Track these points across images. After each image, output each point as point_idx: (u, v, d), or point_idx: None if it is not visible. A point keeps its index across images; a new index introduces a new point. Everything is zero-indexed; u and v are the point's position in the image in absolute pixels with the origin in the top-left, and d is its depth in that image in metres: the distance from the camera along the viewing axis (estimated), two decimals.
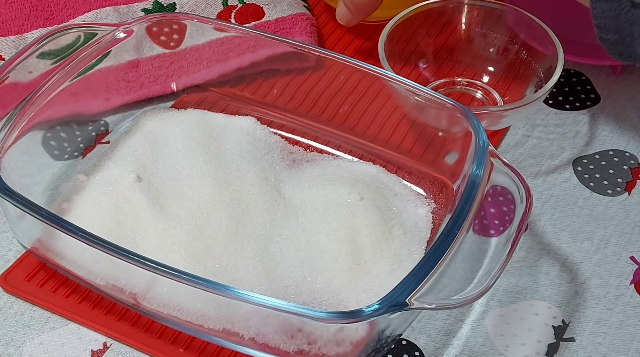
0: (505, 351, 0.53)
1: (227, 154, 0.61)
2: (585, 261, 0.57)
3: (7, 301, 0.55)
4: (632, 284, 0.56)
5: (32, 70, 0.57)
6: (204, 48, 0.65)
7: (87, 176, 0.59)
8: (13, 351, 0.52)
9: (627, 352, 0.53)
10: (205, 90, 0.67)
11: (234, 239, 0.55)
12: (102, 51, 0.61)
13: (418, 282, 0.46)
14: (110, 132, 0.64)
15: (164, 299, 0.51)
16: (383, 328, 0.49)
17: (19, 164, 0.56)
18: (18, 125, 0.55)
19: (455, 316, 0.54)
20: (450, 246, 0.47)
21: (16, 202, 0.50)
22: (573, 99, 0.68)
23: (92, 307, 0.54)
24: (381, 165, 0.61)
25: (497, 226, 0.55)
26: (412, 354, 0.53)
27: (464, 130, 0.54)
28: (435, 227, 0.57)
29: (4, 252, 0.57)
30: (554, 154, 0.64)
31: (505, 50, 0.68)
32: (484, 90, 0.67)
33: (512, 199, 0.51)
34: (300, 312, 0.46)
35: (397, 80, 0.58)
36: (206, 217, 0.56)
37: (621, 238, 0.59)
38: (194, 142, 0.61)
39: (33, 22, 0.68)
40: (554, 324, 0.54)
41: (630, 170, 0.63)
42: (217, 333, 0.51)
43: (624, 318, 0.54)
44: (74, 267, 0.54)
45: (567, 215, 0.60)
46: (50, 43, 0.58)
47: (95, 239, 0.49)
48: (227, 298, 0.47)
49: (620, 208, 0.60)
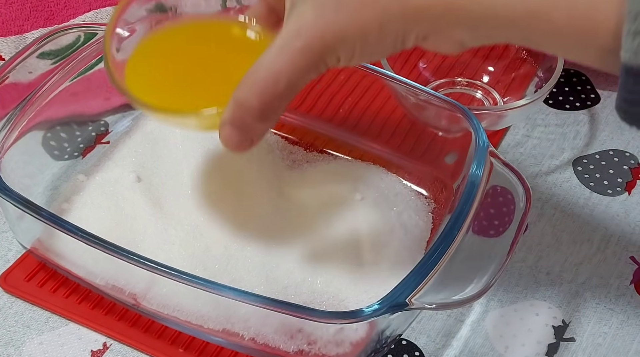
0: (505, 351, 0.53)
1: (227, 154, 0.61)
2: (586, 261, 0.57)
3: (7, 301, 0.55)
4: (632, 284, 0.56)
5: (32, 70, 0.57)
6: None
7: (87, 176, 0.59)
8: (13, 351, 0.52)
9: (627, 353, 0.53)
10: None
11: (234, 239, 0.55)
12: (102, 51, 0.60)
13: (418, 282, 0.46)
14: (110, 132, 0.64)
15: (164, 299, 0.51)
16: (383, 328, 0.49)
17: (19, 164, 0.56)
18: (18, 125, 0.55)
19: (455, 316, 0.54)
20: (450, 246, 0.47)
21: (16, 202, 0.50)
22: (573, 99, 0.68)
23: (92, 308, 0.54)
24: (381, 165, 0.61)
25: (497, 226, 0.55)
26: (412, 354, 0.53)
27: (464, 131, 0.54)
28: (435, 227, 0.57)
29: (4, 252, 0.57)
30: (554, 154, 0.64)
31: (505, 50, 0.68)
32: (484, 90, 0.67)
33: (512, 199, 0.51)
34: (300, 313, 0.46)
35: (397, 80, 0.58)
36: (206, 217, 0.56)
37: (621, 238, 0.59)
38: (194, 142, 0.61)
39: (33, 22, 0.68)
40: (554, 324, 0.54)
41: (630, 170, 0.63)
42: (217, 333, 0.51)
43: (625, 318, 0.54)
44: (74, 267, 0.54)
45: (567, 215, 0.60)
46: (50, 43, 0.58)
47: (95, 239, 0.49)
48: (227, 298, 0.47)
49: (621, 208, 0.60)
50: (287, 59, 0.41)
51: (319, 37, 0.40)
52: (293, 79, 0.41)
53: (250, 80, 0.42)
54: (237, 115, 0.43)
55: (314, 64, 0.41)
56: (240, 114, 0.43)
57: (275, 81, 0.41)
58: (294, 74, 0.41)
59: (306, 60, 0.41)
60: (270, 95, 0.41)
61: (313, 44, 0.40)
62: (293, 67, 0.41)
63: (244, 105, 0.42)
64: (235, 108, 0.43)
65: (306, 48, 0.40)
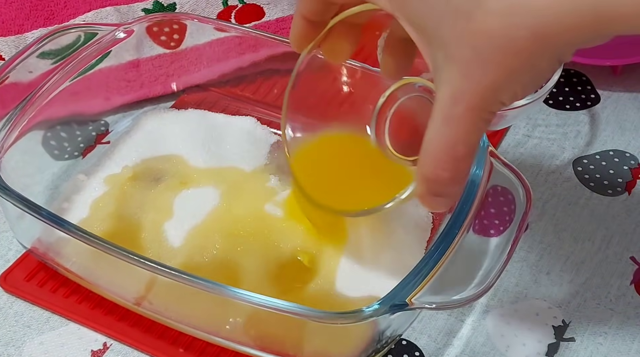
0: (506, 351, 0.53)
1: (228, 154, 0.61)
2: (586, 261, 0.57)
3: (7, 301, 0.55)
4: (632, 284, 0.56)
5: (32, 70, 0.57)
6: (205, 48, 0.65)
7: (87, 176, 0.59)
8: (13, 351, 0.52)
9: (628, 353, 0.53)
10: (205, 90, 0.67)
11: (235, 239, 0.55)
12: (103, 51, 0.61)
13: (418, 282, 0.46)
14: (110, 132, 0.64)
15: (164, 299, 0.51)
16: (383, 328, 0.49)
17: (19, 163, 0.56)
18: (18, 125, 0.55)
19: (455, 316, 0.54)
20: (450, 246, 0.47)
21: (16, 202, 0.50)
22: (573, 99, 0.68)
23: (92, 308, 0.54)
24: None
25: (497, 226, 0.55)
26: (412, 354, 0.53)
27: None
28: (435, 227, 0.57)
29: (4, 252, 0.57)
30: (555, 154, 0.64)
31: None
32: None
33: (512, 199, 0.51)
34: (300, 312, 0.46)
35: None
36: (206, 217, 0.56)
37: (622, 238, 0.59)
38: (194, 142, 0.61)
39: (33, 22, 0.68)
40: (554, 324, 0.54)
41: (631, 171, 0.63)
42: (217, 333, 0.51)
43: (625, 319, 0.54)
44: (74, 267, 0.54)
45: (568, 215, 0.60)
46: (51, 43, 0.58)
47: (95, 239, 0.49)
48: (227, 298, 0.47)
49: (622, 208, 0.60)
50: (454, 127, 0.40)
51: (478, 97, 0.39)
52: (468, 140, 0.40)
53: (430, 156, 0.41)
54: (432, 190, 0.42)
55: (481, 120, 0.40)
56: (434, 188, 0.42)
57: (453, 148, 0.40)
58: (466, 137, 0.40)
59: (472, 120, 0.40)
60: (454, 162, 0.41)
61: (474, 105, 0.39)
62: (464, 132, 0.40)
63: (433, 179, 0.42)
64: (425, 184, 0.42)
65: (468, 112, 0.39)
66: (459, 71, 0.38)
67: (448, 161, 0.41)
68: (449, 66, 0.39)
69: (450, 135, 0.40)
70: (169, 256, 0.53)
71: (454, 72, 0.38)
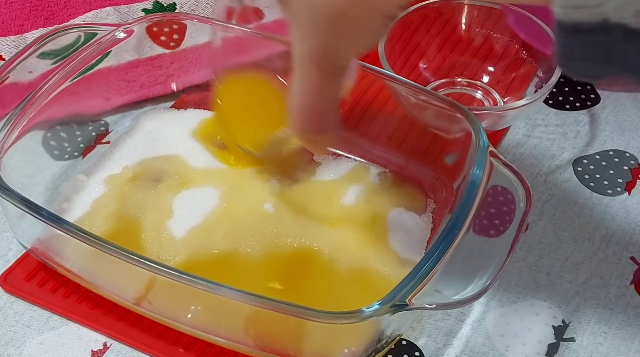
0: (506, 351, 0.53)
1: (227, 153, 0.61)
2: (586, 261, 0.57)
3: (7, 301, 0.55)
4: (632, 284, 0.56)
5: (32, 70, 0.57)
6: (204, 48, 0.65)
7: (87, 176, 0.59)
8: (13, 351, 0.52)
9: (628, 353, 0.53)
10: (205, 90, 0.67)
11: (235, 239, 0.55)
12: (102, 51, 0.61)
13: (418, 282, 0.46)
14: (110, 132, 0.64)
15: (164, 299, 0.51)
16: (383, 328, 0.49)
17: (19, 164, 0.56)
18: (18, 125, 0.55)
19: (455, 316, 0.54)
20: (450, 246, 0.47)
21: (16, 202, 0.50)
22: (573, 99, 0.68)
23: (92, 307, 0.54)
24: (381, 165, 0.61)
25: (497, 226, 0.55)
26: (412, 354, 0.53)
27: (464, 131, 0.54)
28: (435, 227, 0.57)
29: (4, 252, 0.57)
30: (555, 154, 0.64)
31: (505, 50, 0.68)
32: (484, 90, 0.67)
33: (512, 199, 0.51)
34: (300, 312, 0.46)
35: (397, 80, 0.58)
36: (207, 217, 0.56)
37: (622, 238, 0.59)
38: (194, 142, 0.61)
39: (33, 22, 0.68)
40: (554, 324, 0.54)
41: (631, 171, 0.63)
42: (217, 333, 0.51)
43: (625, 318, 0.54)
44: (74, 267, 0.54)
45: (567, 215, 0.60)
46: (50, 43, 0.58)
47: (95, 239, 0.49)
48: (227, 298, 0.47)
49: (621, 208, 0.60)
50: (308, 84, 0.44)
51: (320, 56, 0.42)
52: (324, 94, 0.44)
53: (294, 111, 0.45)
54: (304, 139, 0.47)
55: (331, 74, 0.43)
56: (305, 137, 0.47)
57: (312, 102, 0.44)
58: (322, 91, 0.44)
59: (322, 76, 0.43)
60: (317, 114, 0.45)
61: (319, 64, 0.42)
62: (318, 87, 0.44)
63: (302, 130, 0.46)
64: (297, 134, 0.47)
65: (315, 71, 0.43)
66: (301, 33, 0.42)
67: (311, 114, 0.45)
68: (294, 27, 0.42)
69: (306, 92, 0.44)
70: (168, 256, 0.54)
71: (297, 33, 0.42)
